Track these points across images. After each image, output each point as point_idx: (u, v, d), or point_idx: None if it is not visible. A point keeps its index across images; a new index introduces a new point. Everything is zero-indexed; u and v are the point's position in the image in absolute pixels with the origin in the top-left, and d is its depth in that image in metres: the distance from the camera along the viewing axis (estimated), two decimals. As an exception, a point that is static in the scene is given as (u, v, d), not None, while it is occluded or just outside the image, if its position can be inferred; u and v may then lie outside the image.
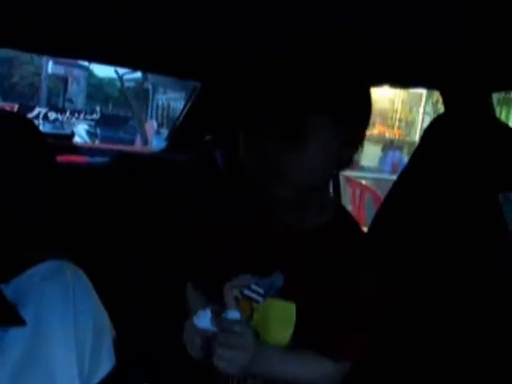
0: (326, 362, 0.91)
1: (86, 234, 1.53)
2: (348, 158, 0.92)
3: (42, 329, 0.71)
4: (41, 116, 11.31)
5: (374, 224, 0.99)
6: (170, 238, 1.65)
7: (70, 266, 0.78)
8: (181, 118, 2.14)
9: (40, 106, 12.66)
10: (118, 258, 1.55)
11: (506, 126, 0.95)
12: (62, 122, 11.69)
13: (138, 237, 1.65)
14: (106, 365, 0.77)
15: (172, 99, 15.11)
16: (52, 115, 11.70)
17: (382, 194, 5.06)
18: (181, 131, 2.15)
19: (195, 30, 1.21)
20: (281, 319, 0.87)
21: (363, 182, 6.02)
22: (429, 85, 1.68)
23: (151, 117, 15.14)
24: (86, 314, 0.75)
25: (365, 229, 1.10)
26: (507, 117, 9.46)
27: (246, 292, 0.88)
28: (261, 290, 0.88)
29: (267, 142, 0.87)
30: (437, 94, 10.17)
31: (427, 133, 0.94)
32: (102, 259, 1.42)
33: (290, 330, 0.86)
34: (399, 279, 0.90)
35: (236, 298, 0.88)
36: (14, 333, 0.70)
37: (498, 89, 1.62)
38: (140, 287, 1.50)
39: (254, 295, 0.88)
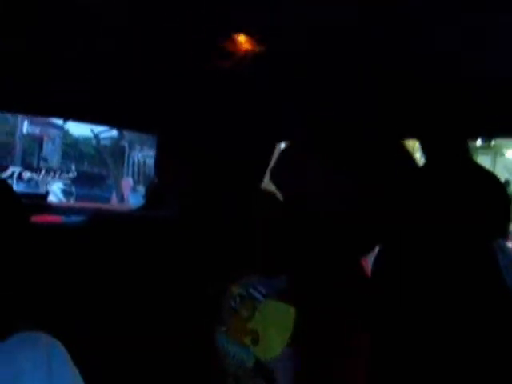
0: None
1: (64, 298, 1.46)
2: None
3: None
4: (15, 176, 11.17)
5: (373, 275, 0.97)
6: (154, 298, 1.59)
7: (46, 336, 0.72)
8: (159, 175, 2.11)
9: (14, 166, 12.55)
10: (97, 323, 1.48)
11: (489, 171, 0.95)
12: (36, 182, 11.57)
13: (119, 299, 1.59)
14: None
15: (148, 156, 15.17)
16: (26, 175, 11.58)
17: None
18: (159, 188, 2.12)
19: (169, 88, 1.21)
20: (277, 322, 0.84)
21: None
22: (406, 134, 1.70)
23: (127, 174, 15.13)
24: (62, 387, 0.69)
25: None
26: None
27: (251, 291, 0.89)
28: (264, 290, 0.88)
29: None
30: (407, 144, 10.53)
31: (413, 183, 0.94)
32: (80, 325, 1.35)
33: (286, 336, 0.82)
34: (398, 330, 0.87)
35: (240, 296, 0.90)
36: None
37: (476, 136, 1.66)
38: (118, 354, 1.42)
39: (257, 294, 0.88)
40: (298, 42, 0.81)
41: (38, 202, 2.03)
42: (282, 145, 2.06)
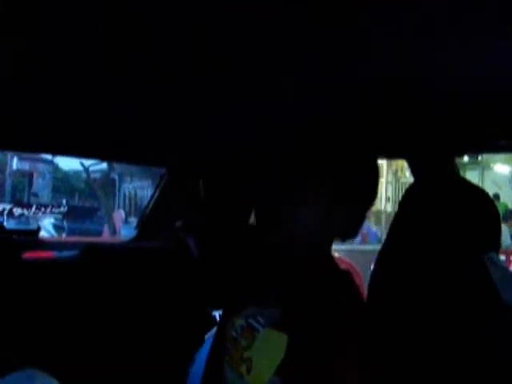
0: None
1: (59, 333, 1.44)
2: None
3: None
4: (5, 212, 11.09)
5: (369, 296, 0.96)
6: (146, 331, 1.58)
7: (41, 374, 0.71)
8: (150, 206, 2.12)
9: (4, 203, 12.46)
10: (94, 356, 1.46)
11: (477, 186, 0.97)
12: (27, 218, 11.48)
13: (114, 331, 1.57)
14: None
15: (139, 188, 15.17)
16: (17, 211, 11.50)
17: (355, 264, 5.05)
18: (151, 219, 2.12)
19: (159, 119, 1.22)
20: (270, 350, 0.87)
21: (336, 254, 6.01)
22: (394, 155, 1.72)
23: (119, 206, 15.08)
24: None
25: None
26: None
27: (250, 321, 0.93)
28: (262, 320, 0.91)
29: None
30: (395, 164, 10.64)
31: (403, 203, 0.95)
32: (76, 360, 1.33)
33: (275, 364, 0.85)
34: (394, 350, 0.86)
35: (241, 326, 0.93)
36: None
37: (461, 153, 1.68)
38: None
39: (256, 324, 0.92)
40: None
41: (30, 238, 2.01)
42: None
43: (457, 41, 0.66)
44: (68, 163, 18.03)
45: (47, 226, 10.18)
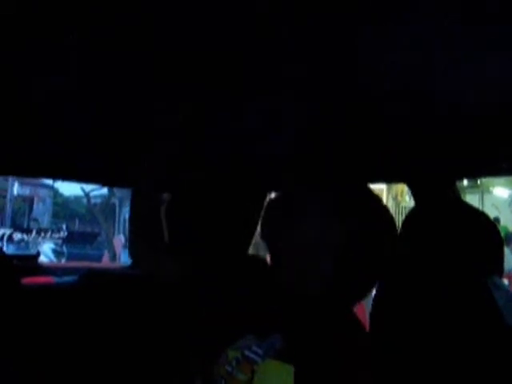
0: None
1: (57, 358, 1.42)
2: None
3: None
4: (5, 238, 11.07)
5: (371, 323, 0.95)
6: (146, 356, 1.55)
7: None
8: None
9: (4, 227, 12.44)
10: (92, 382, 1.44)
11: (478, 210, 0.97)
12: (27, 243, 11.45)
13: (112, 357, 1.55)
14: None
15: (139, 212, 15.16)
16: (17, 236, 11.47)
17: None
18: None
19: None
20: (277, 381, 0.83)
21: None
22: (395, 179, 1.72)
23: (119, 231, 15.06)
24: None
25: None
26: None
27: (247, 353, 0.87)
28: (260, 351, 0.87)
29: None
30: (395, 188, 10.65)
31: (405, 227, 0.95)
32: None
33: None
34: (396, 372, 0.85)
35: (237, 359, 0.88)
36: None
37: (462, 177, 1.68)
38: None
39: (253, 356, 0.87)
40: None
41: (29, 263, 2.01)
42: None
43: (458, 62, 0.66)
44: (68, 188, 18.10)
45: (47, 251, 10.14)
